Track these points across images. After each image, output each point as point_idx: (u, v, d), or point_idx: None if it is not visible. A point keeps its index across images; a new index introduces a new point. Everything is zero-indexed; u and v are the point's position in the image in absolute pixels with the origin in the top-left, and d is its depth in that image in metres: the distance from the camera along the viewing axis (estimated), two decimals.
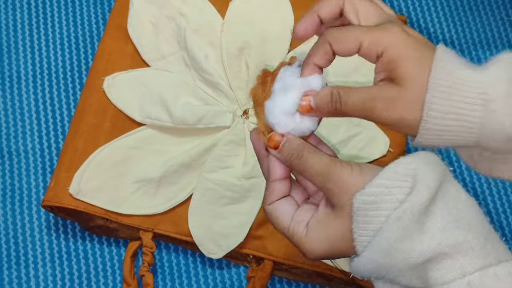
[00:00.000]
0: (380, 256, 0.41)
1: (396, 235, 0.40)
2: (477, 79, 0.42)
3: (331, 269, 0.69)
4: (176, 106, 0.71)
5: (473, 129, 0.42)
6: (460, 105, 0.42)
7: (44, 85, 0.80)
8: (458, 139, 0.43)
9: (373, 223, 0.41)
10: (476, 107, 0.42)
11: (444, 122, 0.42)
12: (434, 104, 0.42)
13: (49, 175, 0.76)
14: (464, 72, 0.42)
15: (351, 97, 0.44)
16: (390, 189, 0.41)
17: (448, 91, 0.42)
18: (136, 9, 0.77)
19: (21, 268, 0.72)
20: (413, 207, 0.40)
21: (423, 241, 0.40)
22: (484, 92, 0.41)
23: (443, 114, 0.42)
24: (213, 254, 0.69)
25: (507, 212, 0.76)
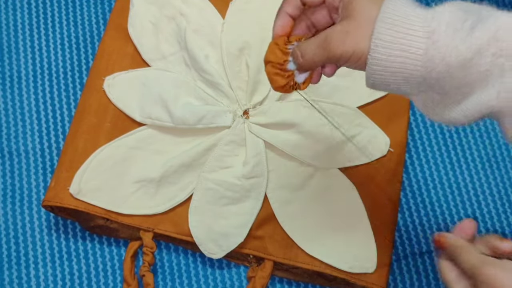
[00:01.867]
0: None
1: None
2: (422, 14, 0.45)
3: (331, 269, 0.69)
4: (177, 106, 0.71)
5: (417, 60, 0.44)
6: (405, 36, 0.44)
7: (44, 85, 0.80)
8: (405, 72, 0.45)
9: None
10: (419, 39, 0.44)
11: (390, 52, 0.45)
12: (381, 34, 0.45)
13: (50, 175, 0.76)
14: (411, 7, 0.45)
15: (308, 46, 0.48)
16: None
17: (395, 23, 0.45)
18: (136, 9, 0.77)
19: (21, 268, 0.72)
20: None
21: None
22: (427, 25, 0.44)
23: (389, 43, 0.44)
24: (213, 254, 0.69)
25: (507, 212, 0.76)
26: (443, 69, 0.44)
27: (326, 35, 0.47)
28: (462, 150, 0.78)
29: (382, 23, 0.45)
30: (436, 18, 0.44)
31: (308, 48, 0.48)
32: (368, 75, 0.47)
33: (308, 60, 0.49)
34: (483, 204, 0.76)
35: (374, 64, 0.45)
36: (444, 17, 0.44)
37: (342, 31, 0.46)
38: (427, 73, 0.45)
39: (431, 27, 0.44)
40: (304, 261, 0.69)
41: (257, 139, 0.72)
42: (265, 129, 0.72)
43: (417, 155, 0.78)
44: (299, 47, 0.49)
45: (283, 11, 0.51)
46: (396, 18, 0.45)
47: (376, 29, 0.45)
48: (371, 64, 0.45)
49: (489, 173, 0.77)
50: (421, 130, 0.79)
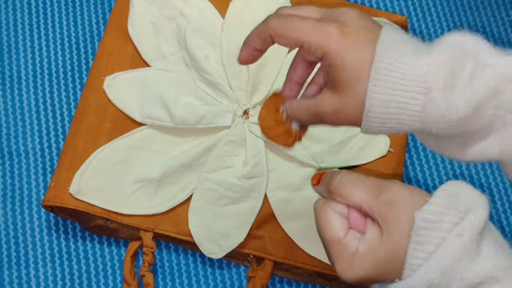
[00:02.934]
0: (436, 275, 0.40)
1: (456, 252, 0.40)
2: (418, 68, 0.42)
3: (331, 269, 0.69)
4: (176, 106, 0.71)
5: (415, 117, 0.42)
6: (402, 94, 0.42)
7: (44, 85, 0.80)
8: (402, 127, 0.43)
9: (431, 244, 0.41)
10: (417, 95, 0.42)
11: (387, 110, 0.42)
12: (375, 93, 0.42)
13: (49, 175, 0.76)
14: (406, 60, 0.42)
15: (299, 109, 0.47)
16: (448, 209, 0.41)
17: (390, 81, 0.42)
18: (136, 9, 0.77)
19: (21, 268, 0.72)
20: (473, 225, 0.40)
21: (480, 262, 0.40)
22: (424, 81, 0.41)
23: (385, 102, 0.42)
24: (213, 254, 0.69)
25: (507, 212, 0.76)
26: (443, 125, 0.42)
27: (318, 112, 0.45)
28: None
29: (376, 81, 0.42)
30: (431, 71, 0.41)
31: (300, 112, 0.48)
32: (363, 129, 0.45)
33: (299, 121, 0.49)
34: None
35: (369, 122, 0.44)
36: (440, 70, 0.41)
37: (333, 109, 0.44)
38: (426, 127, 0.43)
39: (428, 83, 0.41)
40: (304, 261, 0.69)
41: (257, 139, 0.72)
42: None
43: (417, 155, 0.78)
44: (290, 106, 0.48)
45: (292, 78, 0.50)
46: (391, 75, 0.42)
47: (370, 89, 0.42)
48: (366, 122, 0.44)
49: (489, 173, 0.77)
50: None
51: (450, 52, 0.42)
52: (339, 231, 0.44)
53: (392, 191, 0.43)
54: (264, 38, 0.47)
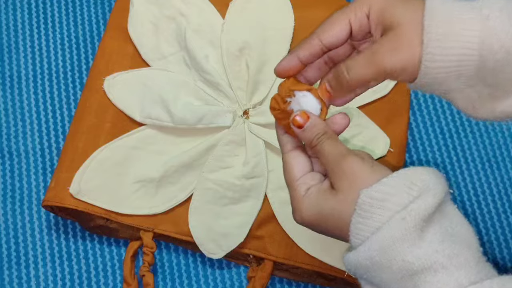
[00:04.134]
0: (377, 254, 0.41)
1: (397, 234, 0.41)
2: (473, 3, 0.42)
3: (331, 269, 0.69)
4: (177, 106, 0.71)
5: (474, 50, 0.42)
6: (458, 25, 0.42)
7: (44, 85, 0.80)
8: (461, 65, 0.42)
9: (374, 220, 0.42)
10: (474, 26, 0.41)
11: (445, 44, 0.42)
12: (432, 27, 0.42)
13: (49, 175, 0.76)
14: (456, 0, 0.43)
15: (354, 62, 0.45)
16: (398, 191, 0.42)
17: (444, 14, 0.42)
18: (136, 9, 0.77)
19: (21, 268, 0.72)
20: (419, 210, 0.41)
21: (422, 247, 0.41)
22: (479, 12, 0.41)
23: (442, 36, 0.42)
24: (214, 254, 0.69)
25: (507, 212, 0.76)
26: (502, 56, 0.41)
27: (373, 51, 0.44)
28: (462, 150, 0.78)
29: (430, 16, 0.42)
30: (485, 4, 0.42)
31: (356, 64, 0.44)
32: (421, 76, 0.43)
33: (355, 76, 0.45)
34: (483, 204, 0.76)
35: (428, 60, 0.42)
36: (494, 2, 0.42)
37: (390, 42, 0.43)
38: (482, 62, 0.42)
39: (483, 14, 0.41)
40: (304, 261, 0.69)
41: (257, 139, 0.72)
42: (265, 129, 0.72)
43: (417, 155, 0.78)
44: (344, 64, 0.45)
45: (294, 54, 0.47)
46: (445, 10, 0.42)
47: (426, 23, 0.42)
48: (426, 60, 0.42)
49: (489, 173, 0.77)
50: (421, 130, 0.79)
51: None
52: (295, 172, 0.47)
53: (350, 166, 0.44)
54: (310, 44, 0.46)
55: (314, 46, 0.46)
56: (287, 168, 0.48)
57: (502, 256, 0.74)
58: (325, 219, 0.45)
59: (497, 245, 0.74)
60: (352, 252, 0.43)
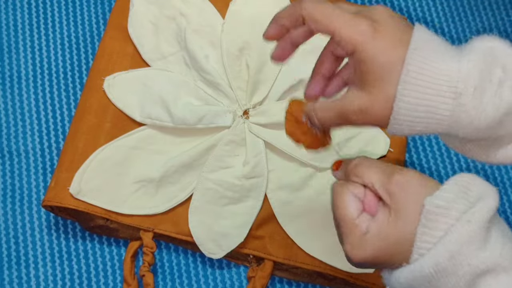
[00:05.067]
0: (444, 259, 0.40)
1: (464, 237, 0.40)
2: (448, 73, 0.42)
3: (331, 269, 0.69)
4: (177, 106, 0.71)
5: (443, 121, 0.43)
6: (431, 97, 0.42)
7: (44, 85, 0.80)
8: (428, 130, 0.44)
9: (440, 228, 0.41)
10: (446, 100, 0.42)
11: (415, 114, 0.43)
12: (405, 96, 0.42)
13: (49, 175, 0.76)
14: (436, 64, 0.42)
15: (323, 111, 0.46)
16: (458, 197, 0.42)
17: (420, 84, 0.42)
18: (136, 9, 0.77)
19: (21, 268, 0.72)
20: (482, 212, 0.41)
21: (486, 250, 0.40)
22: (454, 86, 0.42)
23: (414, 106, 0.42)
24: (214, 254, 0.69)
25: (507, 212, 0.76)
26: (470, 131, 0.43)
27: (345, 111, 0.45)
28: None
29: (406, 84, 0.42)
30: (462, 77, 0.42)
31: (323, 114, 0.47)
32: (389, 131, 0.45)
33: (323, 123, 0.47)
34: None
35: (396, 124, 0.44)
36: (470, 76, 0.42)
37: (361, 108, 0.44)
38: (452, 131, 0.43)
39: (458, 88, 0.42)
40: (304, 261, 0.69)
41: (257, 139, 0.72)
42: (265, 129, 0.72)
43: (417, 155, 0.78)
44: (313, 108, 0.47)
45: (319, 72, 0.48)
46: (421, 78, 0.42)
47: (400, 92, 0.42)
48: (393, 124, 0.44)
49: (489, 173, 0.77)
50: None
51: (480, 59, 0.42)
52: (352, 211, 0.45)
53: (404, 174, 0.44)
54: (296, 17, 0.46)
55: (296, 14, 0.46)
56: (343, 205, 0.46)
57: None
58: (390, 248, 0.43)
59: None
60: (412, 264, 0.42)
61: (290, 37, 0.47)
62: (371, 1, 0.86)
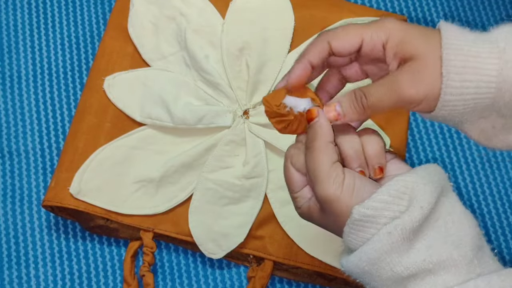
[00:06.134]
0: (366, 264, 0.43)
1: (385, 247, 0.42)
2: (487, 37, 0.43)
3: (331, 269, 0.69)
4: (177, 106, 0.71)
5: (492, 82, 0.42)
6: (476, 59, 0.42)
7: (44, 85, 0.80)
8: (478, 98, 0.43)
9: (366, 233, 0.43)
10: (491, 60, 0.42)
11: (464, 77, 0.42)
12: (451, 60, 0.42)
13: (50, 175, 0.76)
14: (472, 33, 0.43)
15: (374, 89, 0.44)
16: (389, 205, 0.43)
17: (462, 48, 0.42)
18: (136, 9, 0.77)
19: (21, 268, 0.72)
20: (404, 224, 0.42)
21: (410, 257, 0.42)
22: (495, 46, 0.42)
23: (461, 68, 0.42)
24: (213, 254, 0.69)
25: (507, 212, 0.76)
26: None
27: (394, 79, 0.44)
28: (462, 150, 0.78)
29: (449, 50, 0.42)
30: (501, 38, 0.42)
31: (376, 92, 0.44)
32: (438, 108, 0.44)
33: (374, 103, 0.44)
34: (483, 204, 0.76)
35: (448, 93, 0.43)
36: (509, 37, 0.42)
37: (411, 73, 0.43)
38: (499, 95, 0.42)
39: (500, 46, 0.42)
40: (304, 261, 0.69)
41: (257, 139, 0.72)
42: (265, 129, 0.72)
43: (417, 155, 0.78)
44: (362, 89, 0.45)
45: (305, 58, 0.47)
46: (461, 43, 0.43)
47: (445, 57, 0.42)
48: (445, 94, 0.43)
49: (489, 173, 0.77)
50: (421, 130, 0.79)
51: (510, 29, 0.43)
52: (294, 186, 0.48)
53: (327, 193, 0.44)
54: (321, 45, 0.46)
55: (324, 49, 0.46)
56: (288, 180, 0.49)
57: (502, 257, 0.74)
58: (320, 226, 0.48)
59: (497, 245, 0.74)
60: (344, 259, 0.45)
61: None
62: (371, 2, 0.86)
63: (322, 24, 0.76)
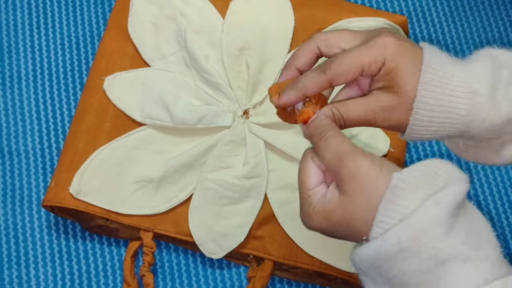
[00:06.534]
0: (408, 239, 0.39)
1: (431, 219, 0.39)
2: (463, 75, 0.45)
3: (331, 269, 0.69)
4: (177, 106, 0.71)
5: (459, 120, 0.45)
6: (448, 98, 0.45)
7: (44, 85, 0.80)
8: (444, 130, 0.47)
9: (405, 206, 0.40)
10: (462, 100, 0.45)
11: (432, 114, 0.45)
12: (424, 97, 0.45)
13: (50, 175, 0.76)
14: (451, 68, 0.46)
15: (352, 113, 0.47)
16: (427, 179, 0.41)
17: (437, 85, 0.45)
18: (136, 9, 0.77)
19: (21, 268, 0.72)
20: (453, 196, 0.40)
21: (451, 236, 0.39)
22: (470, 86, 0.45)
23: (431, 106, 0.45)
24: (213, 254, 0.69)
25: (507, 212, 0.76)
26: (486, 127, 0.46)
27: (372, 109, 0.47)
28: None
29: (425, 85, 0.45)
30: (475, 78, 0.45)
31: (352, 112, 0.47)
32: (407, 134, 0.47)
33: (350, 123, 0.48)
34: (483, 204, 0.76)
35: (415, 125, 0.46)
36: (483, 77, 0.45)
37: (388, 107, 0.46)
38: (466, 129, 0.46)
39: (472, 88, 0.45)
40: (304, 261, 0.69)
41: (257, 139, 0.72)
42: (265, 129, 0.72)
43: (417, 155, 0.78)
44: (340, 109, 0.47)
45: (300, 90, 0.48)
46: (439, 80, 0.45)
47: (419, 93, 0.45)
48: (412, 125, 0.46)
49: (489, 173, 0.77)
50: None
51: (489, 62, 0.46)
52: (310, 181, 0.45)
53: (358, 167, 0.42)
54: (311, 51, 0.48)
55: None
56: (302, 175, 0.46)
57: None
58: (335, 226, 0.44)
59: None
60: (374, 241, 0.41)
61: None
62: (371, 2, 0.86)
63: (322, 24, 0.76)
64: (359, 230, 0.42)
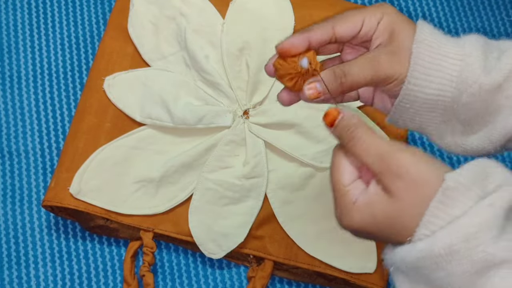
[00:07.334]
0: (459, 241, 0.38)
1: (484, 221, 0.38)
2: (456, 40, 0.47)
3: (331, 269, 0.69)
4: (177, 106, 0.71)
5: (452, 81, 0.46)
6: (442, 57, 0.46)
7: (44, 85, 0.80)
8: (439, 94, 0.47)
9: (457, 207, 0.39)
10: (455, 61, 0.46)
11: (428, 72, 0.46)
12: (420, 54, 0.46)
13: (49, 175, 0.76)
14: (444, 36, 0.48)
15: (353, 68, 0.47)
16: (479, 179, 0.40)
17: (432, 45, 0.47)
18: (136, 9, 0.77)
19: (21, 268, 0.72)
20: (505, 199, 0.39)
21: (504, 239, 0.38)
22: (461, 49, 0.46)
23: (428, 63, 0.46)
24: (213, 254, 0.69)
25: None
26: (475, 91, 0.46)
27: (373, 56, 0.47)
28: None
29: (420, 44, 0.46)
30: (468, 43, 0.47)
31: (354, 67, 0.47)
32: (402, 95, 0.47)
33: (352, 79, 0.46)
34: None
35: (412, 83, 0.46)
36: (475, 43, 0.47)
37: (390, 52, 0.47)
38: (458, 95, 0.46)
39: (465, 50, 0.46)
40: (304, 261, 0.69)
41: (257, 139, 0.72)
42: (265, 129, 0.72)
43: None
44: (342, 69, 0.47)
45: (305, 35, 0.47)
46: (433, 41, 0.47)
47: (415, 50, 0.46)
48: (409, 83, 0.46)
49: None
50: None
51: (480, 38, 0.48)
52: (345, 178, 0.44)
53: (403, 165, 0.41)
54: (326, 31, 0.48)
55: (327, 32, 0.48)
56: (336, 171, 0.44)
57: None
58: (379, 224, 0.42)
59: None
60: (418, 244, 0.39)
61: None
62: (371, 2, 0.86)
63: None
64: (404, 229, 0.41)
